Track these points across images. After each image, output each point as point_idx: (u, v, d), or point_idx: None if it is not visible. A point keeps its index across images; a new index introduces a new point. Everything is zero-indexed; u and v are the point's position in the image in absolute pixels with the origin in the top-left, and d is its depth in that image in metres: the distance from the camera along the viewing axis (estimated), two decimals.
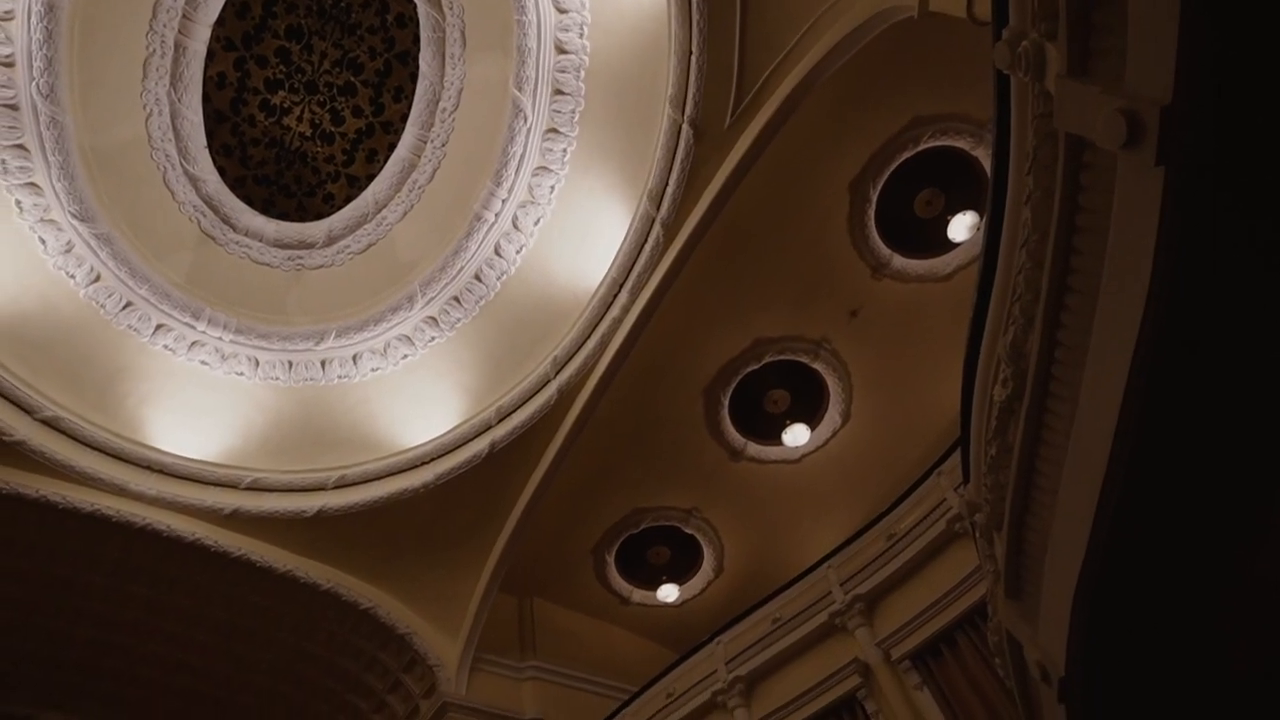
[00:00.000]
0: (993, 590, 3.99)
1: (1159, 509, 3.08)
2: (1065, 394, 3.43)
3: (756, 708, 8.50)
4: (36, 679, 11.36)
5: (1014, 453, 3.50)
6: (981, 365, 3.99)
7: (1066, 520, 3.34)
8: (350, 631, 11.77)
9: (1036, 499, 3.46)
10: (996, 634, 4.06)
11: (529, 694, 11.77)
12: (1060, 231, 3.18)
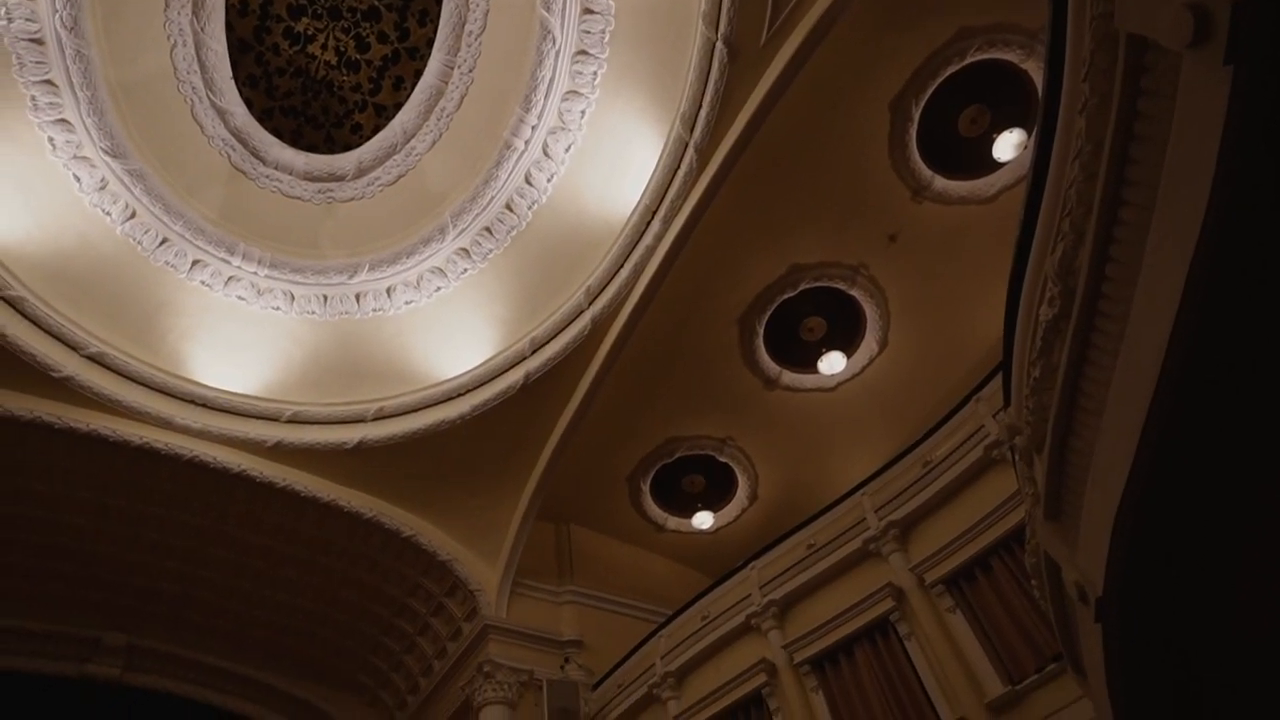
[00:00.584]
0: (1031, 513, 3.94)
1: (1206, 429, 2.97)
2: (1115, 311, 3.29)
3: (790, 630, 8.67)
4: (100, 602, 12.05)
5: (1058, 373, 3.39)
6: (1027, 284, 3.84)
7: (1110, 441, 3.25)
8: (394, 558, 12.20)
9: (1080, 420, 3.37)
10: (1034, 556, 4.03)
11: (567, 617, 12.16)
12: (1116, 141, 2.99)
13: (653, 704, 9.90)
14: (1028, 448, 3.86)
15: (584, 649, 11.66)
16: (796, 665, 8.36)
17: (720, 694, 8.98)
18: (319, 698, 13.27)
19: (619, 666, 10.79)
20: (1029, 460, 3.92)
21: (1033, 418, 3.68)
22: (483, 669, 10.84)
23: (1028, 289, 3.85)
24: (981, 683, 6.85)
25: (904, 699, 7.36)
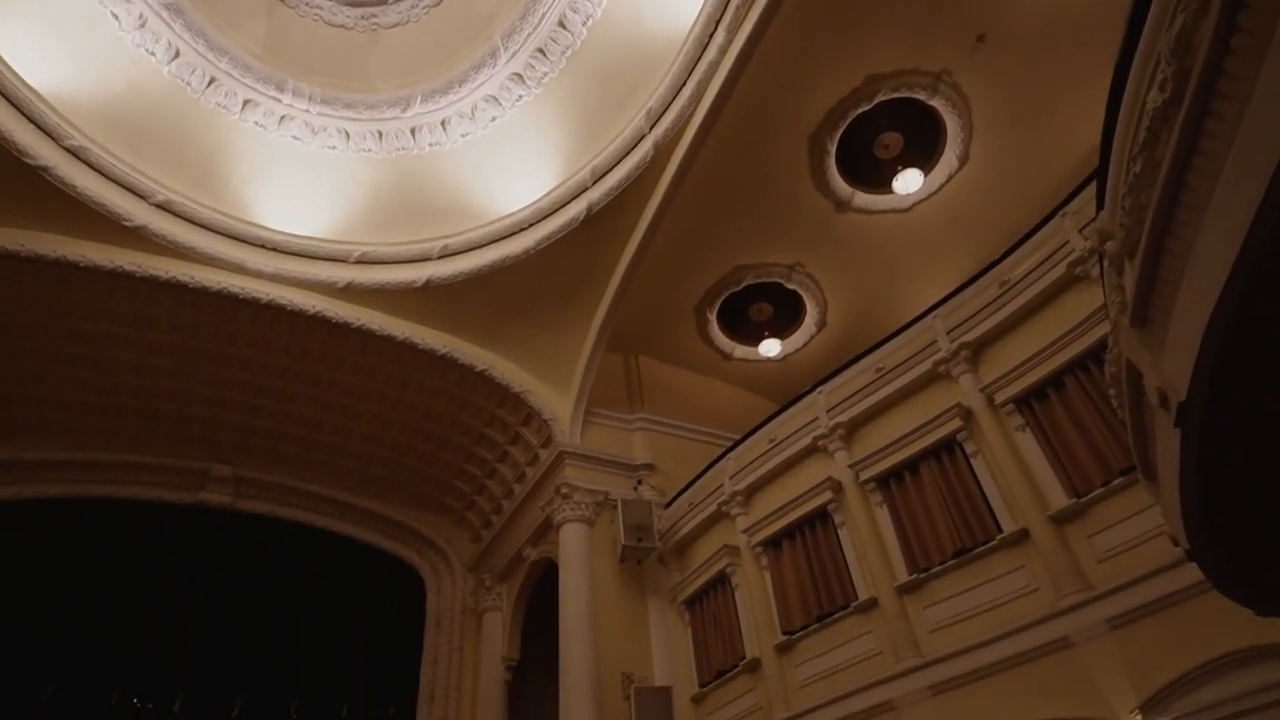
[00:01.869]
0: (1116, 322, 3.73)
1: None
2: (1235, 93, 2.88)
3: (856, 450, 8.82)
4: (204, 438, 13.14)
5: (1162, 167, 3.06)
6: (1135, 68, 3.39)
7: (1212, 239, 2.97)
8: (469, 391, 12.78)
9: (1180, 218, 3.07)
10: (1115, 365, 3.87)
11: (639, 442, 12.67)
12: None
13: (722, 520, 10.43)
14: (1119, 253, 3.59)
15: (655, 471, 12.21)
16: (862, 483, 8.57)
17: (787, 510, 9.36)
18: (410, 519, 14.49)
19: (689, 487, 11.31)
20: (1119, 267, 3.66)
21: (1127, 219, 3.38)
22: (560, 491, 11.53)
23: (1135, 73, 3.40)
24: (1046, 496, 6.90)
25: (966, 512, 7.51)
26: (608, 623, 10.41)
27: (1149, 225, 3.19)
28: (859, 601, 8.07)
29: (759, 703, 8.83)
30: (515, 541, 12.83)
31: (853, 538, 8.50)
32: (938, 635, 7.28)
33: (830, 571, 8.63)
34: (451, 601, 13.96)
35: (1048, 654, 6.36)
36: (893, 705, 7.33)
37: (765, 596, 9.29)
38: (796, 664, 8.59)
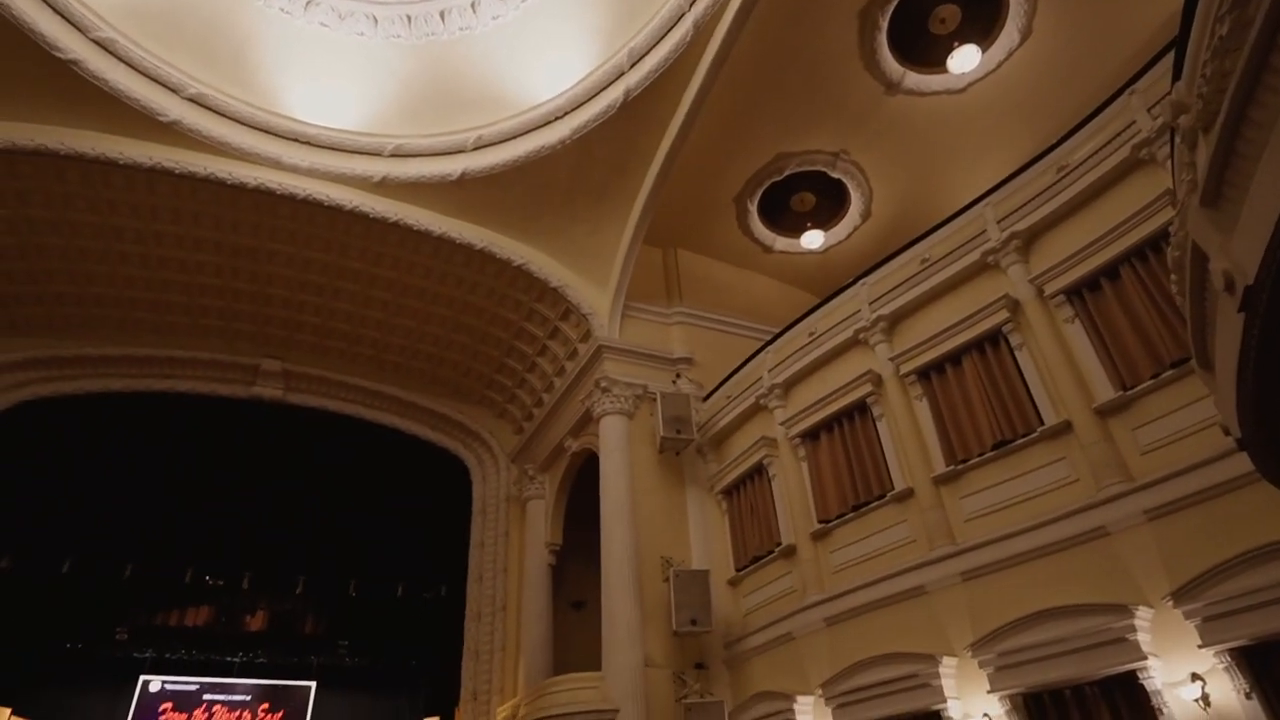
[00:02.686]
0: (1184, 203, 3.50)
1: None
2: None
3: (898, 343, 8.70)
4: (253, 333, 13.50)
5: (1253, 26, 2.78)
6: None
7: None
8: (508, 286, 12.80)
9: (1267, 83, 2.82)
10: (1179, 249, 3.67)
11: (677, 336, 12.68)
12: None
13: (760, 413, 10.51)
14: (1193, 127, 3.33)
15: (694, 365, 12.27)
16: (902, 375, 8.50)
17: (825, 402, 9.36)
18: (454, 411, 14.90)
19: (728, 380, 11.36)
20: (1191, 143, 3.40)
21: (1207, 89, 3.11)
22: (600, 384, 11.68)
23: None
24: (1092, 389, 6.77)
25: (1008, 404, 7.43)
26: (647, 510, 10.76)
27: (1231, 93, 2.94)
28: (895, 491, 8.16)
29: (794, 586, 9.15)
30: (556, 433, 13.16)
31: (891, 430, 8.51)
32: (972, 524, 7.37)
33: (867, 463, 8.71)
34: (496, 490, 14.52)
35: (1082, 543, 6.41)
36: (924, 589, 7.52)
37: (802, 486, 9.46)
38: (831, 550, 8.82)
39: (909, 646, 7.32)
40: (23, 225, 11.03)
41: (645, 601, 9.95)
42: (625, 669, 9.44)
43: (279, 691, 17.33)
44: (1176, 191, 3.69)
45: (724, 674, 9.93)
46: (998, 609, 6.71)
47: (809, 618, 8.69)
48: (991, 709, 6.47)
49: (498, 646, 13.01)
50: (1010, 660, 6.38)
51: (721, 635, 10.02)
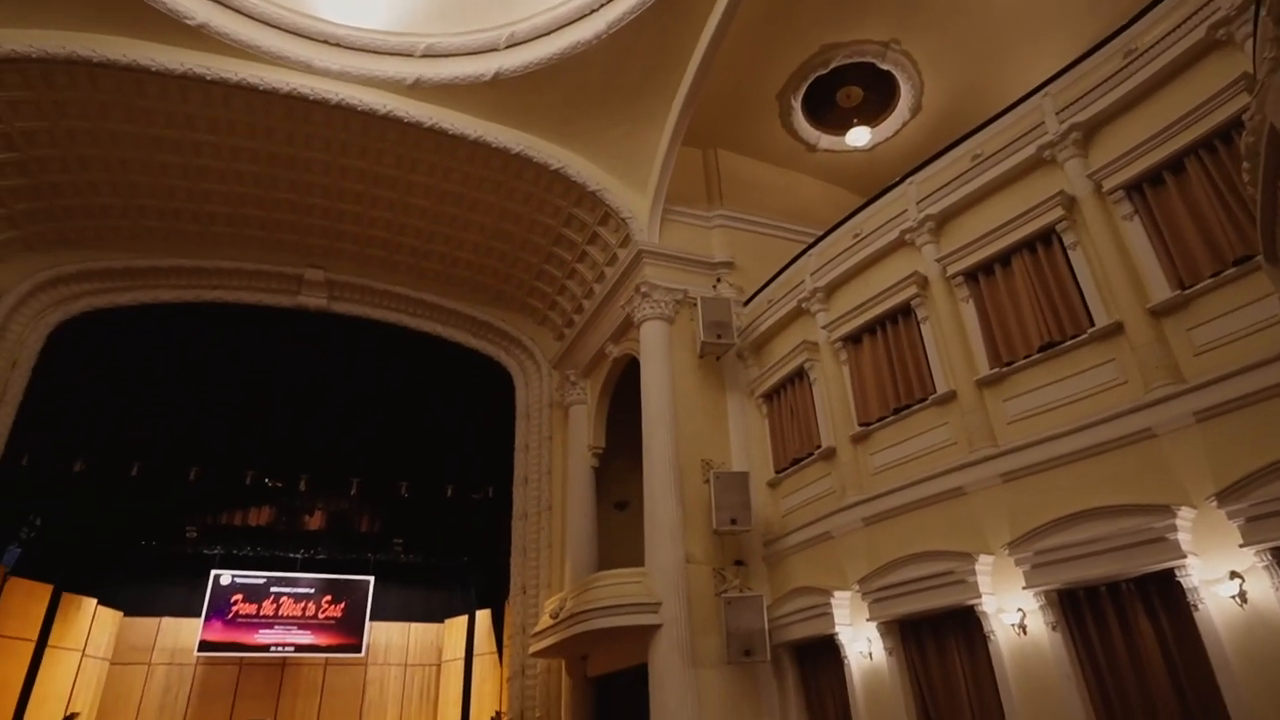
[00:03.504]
0: (1264, 83, 3.27)
1: None
2: None
3: (945, 243, 8.45)
4: (294, 243, 13.64)
5: None
6: None
7: None
8: (545, 190, 12.64)
9: None
10: (1255, 134, 3.45)
11: (718, 240, 12.49)
12: None
13: (801, 316, 10.42)
14: None
15: (734, 269, 12.13)
16: (949, 277, 8.29)
17: (868, 305, 9.23)
18: (495, 318, 15.06)
19: (769, 284, 11.23)
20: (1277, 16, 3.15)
21: None
22: (640, 290, 11.65)
23: None
24: (1147, 288, 6.55)
25: (1058, 305, 7.24)
26: (688, 414, 10.91)
27: None
28: (937, 394, 8.12)
29: (833, 487, 9.30)
30: (597, 339, 13.26)
31: (935, 333, 8.39)
32: (1014, 427, 7.34)
33: (910, 366, 8.65)
34: (539, 395, 14.82)
35: (1127, 445, 6.35)
36: (963, 491, 7.59)
37: (843, 390, 9.47)
38: (871, 453, 8.89)
39: (946, 545, 7.45)
40: (63, 137, 11.12)
41: (686, 502, 10.23)
42: (667, 565, 9.81)
43: (340, 585, 18.46)
44: (1256, 72, 3.43)
45: (762, 570, 10.26)
46: (1037, 509, 6.75)
47: (847, 518, 8.87)
48: (1026, 604, 6.62)
49: (544, 544, 13.58)
50: (1047, 558, 6.47)
51: (760, 534, 10.31)
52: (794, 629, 9.25)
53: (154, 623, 17.19)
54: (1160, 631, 5.86)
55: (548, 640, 11.50)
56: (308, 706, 17.44)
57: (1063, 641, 6.36)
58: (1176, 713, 5.63)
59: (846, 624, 8.51)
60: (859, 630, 8.31)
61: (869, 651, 8.10)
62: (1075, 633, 6.39)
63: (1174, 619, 5.77)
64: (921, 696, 7.57)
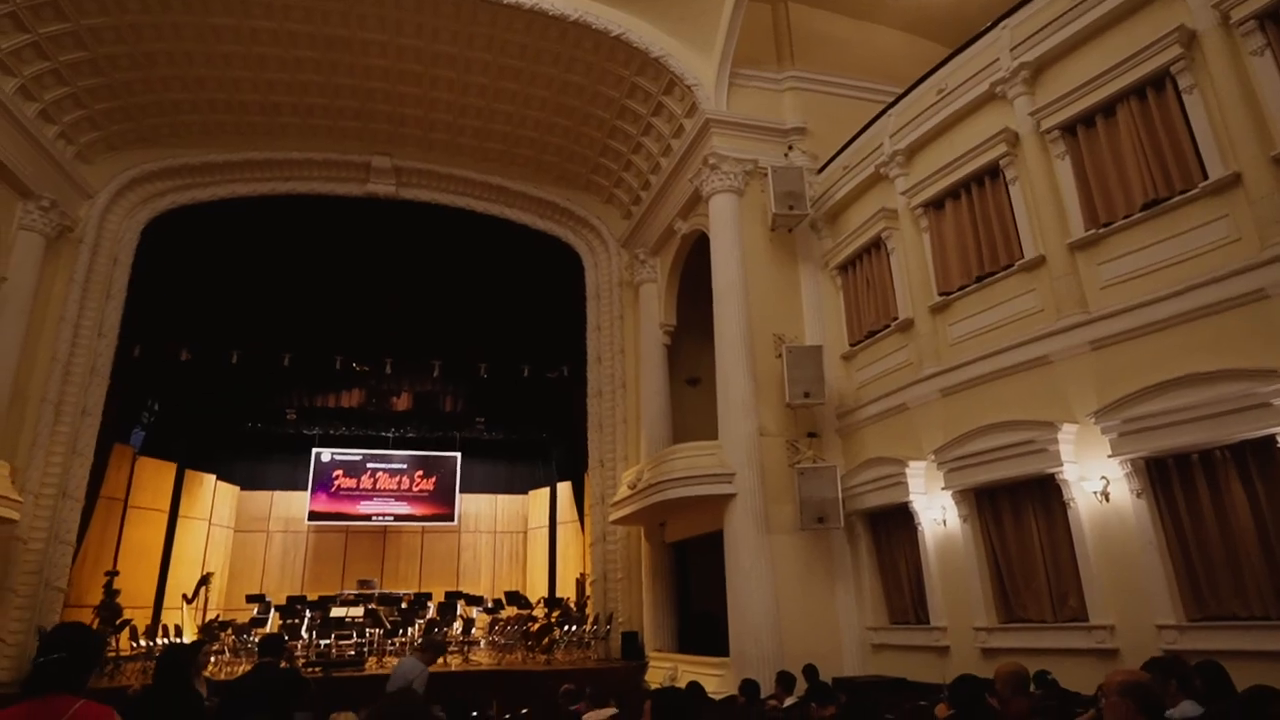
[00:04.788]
0: None
1: None
2: None
3: (1040, 94, 7.74)
4: (359, 130, 13.62)
5: None
6: None
7: None
8: (606, 60, 12.09)
9: None
10: None
11: (789, 104, 11.83)
12: None
13: (879, 183, 9.93)
14: None
15: (807, 135, 11.54)
16: (1043, 132, 7.66)
17: (952, 167, 8.68)
18: (562, 199, 14.88)
19: (845, 149, 10.67)
20: None
21: None
22: (708, 162, 11.24)
23: None
24: (1273, 134, 5.90)
25: (1166, 158, 6.62)
26: (759, 288, 10.75)
27: None
28: (1025, 260, 7.72)
29: (910, 359, 9.13)
30: (665, 216, 13.01)
31: (1025, 194, 7.88)
32: (1108, 292, 6.95)
33: (996, 230, 8.20)
34: (609, 275, 14.81)
35: (1235, 307, 5.94)
36: (1047, 359, 7.33)
37: (922, 259, 9.11)
38: (950, 323, 8.63)
39: (1027, 415, 7.31)
40: (128, 32, 11.15)
41: (758, 376, 10.26)
42: (740, 437, 9.98)
43: (430, 461, 19.57)
44: None
45: (836, 442, 10.34)
46: (1127, 377, 6.49)
47: (924, 389, 8.75)
48: (1110, 472, 6.49)
49: (619, 420, 13.97)
50: (1136, 426, 6.27)
51: (834, 407, 10.31)
52: (867, 498, 9.40)
53: (267, 496, 18.72)
54: (1255, 499, 5.69)
55: (626, 509, 12.04)
56: (409, 569, 18.98)
57: (1147, 509, 6.28)
58: (1265, 580, 5.54)
59: (921, 493, 8.58)
60: (933, 499, 8.38)
61: (943, 519, 8.19)
62: (1161, 500, 6.29)
63: (1270, 485, 5.58)
64: (995, 561, 7.68)
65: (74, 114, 11.93)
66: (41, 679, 2.42)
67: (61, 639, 2.55)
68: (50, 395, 11.47)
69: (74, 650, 2.54)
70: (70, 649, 2.53)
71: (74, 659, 2.51)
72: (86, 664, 2.54)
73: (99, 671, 11.05)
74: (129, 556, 14.23)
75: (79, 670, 2.49)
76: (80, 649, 2.55)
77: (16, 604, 10.63)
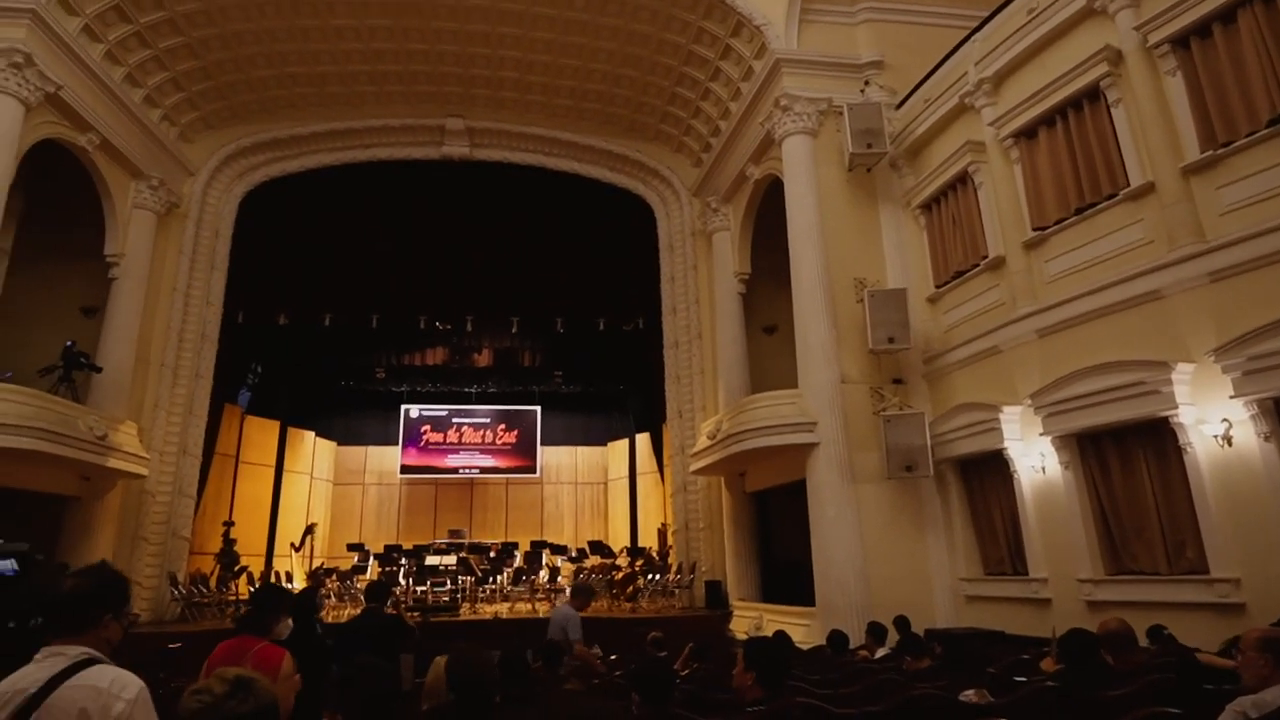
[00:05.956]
0: None
1: None
2: None
3: (1147, 5, 7.09)
4: (431, 94, 13.78)
5: None
6: None
7: None
8: (671, 4, 11.76)
9: None
10: None
11: (864, 37, 11.25)
12: None
13: (964, 114, 9.39)
14: None
15: (884, 69, 10.99)
16: (1151, 47, 7.03)
17: (1046, 93, 8.09)
18: (631, 150, 14.69)
19: (925, 81, 10.11)
20: None
21: None
22: (779, 103, 10.83)
23: None
24: None
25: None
26: (837, 232, 10.41)
27: None
28: (1130, 188, 7.18)
29: (1002, 299, 8.71)
30: (737, 162, 12.69)
31: (1130, 116, 7.29)
32: (1228, 218, 6.40)
33: (1096, 158, 7.65)
34: (680, 225, 14.62)
35: None
36: (1159, 294, 6.85)
37: (1014, 192, 8.61)
38: (1046, 259, 8.17)
39: (1135, 354, 6.86)
40: (217, 15, 11.58)
41: (838, 322, 10.01)
42: (822, 385, 9.80)
43: (511, 415, 20.08)
44: None
45: (923, 388, 10.04)
46: (1252, 310, 5.97)
47: (1018, 330, 8.35)
48: (1234, 414, 6.05)
49: (696, 371, 13.91)
50: (1264, 364, 5.79)
51: (920, 351, 9.99)
52: (958, 445, 9.12)
53: (362, 451, 19.64)
54: None
55: (706, 459, 12.06)
56: (496, 519, 19.66)
57: (1277, 453, 5.81)
58: None
59: (1016, 439, 8.25)
60: (1030, 445, 8.05)
61: (1041, 466, 7.87)
62: None
63: None
64: (1101, 510, 7.34)
65: (174, 97, 12.58)
66: (239, 624, 3.65)
67: (254, 596, 3.84)
68: (168, 360, 12.44)
69: (259, 605, 3.61)
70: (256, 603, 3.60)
71: (259, 611, 3.51)
72: (274, 615, 3.49)
73: (220, 614, 11.99)
74: (242, 508, 15.27)
75: (264, 620, 3.43)
76: (265, 604, 3.58)
77: (150, 551, 11.75)
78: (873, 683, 4.63)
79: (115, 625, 2.07)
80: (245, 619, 3.68)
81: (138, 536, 11.65)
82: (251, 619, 3.52)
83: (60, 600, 2.03)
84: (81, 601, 2.02)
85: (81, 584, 2.06)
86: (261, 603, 3.70)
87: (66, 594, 2.03)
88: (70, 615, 2.00)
